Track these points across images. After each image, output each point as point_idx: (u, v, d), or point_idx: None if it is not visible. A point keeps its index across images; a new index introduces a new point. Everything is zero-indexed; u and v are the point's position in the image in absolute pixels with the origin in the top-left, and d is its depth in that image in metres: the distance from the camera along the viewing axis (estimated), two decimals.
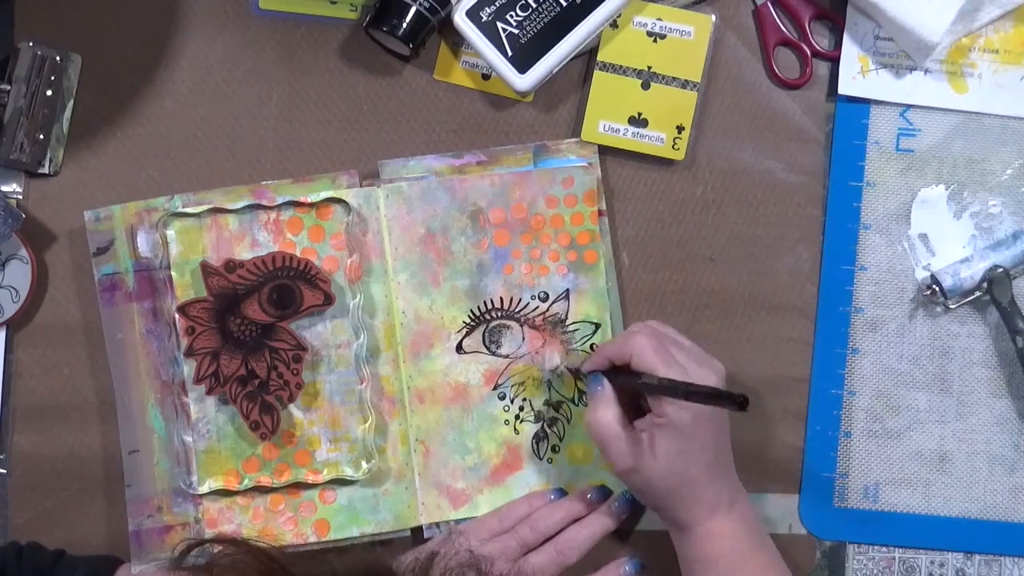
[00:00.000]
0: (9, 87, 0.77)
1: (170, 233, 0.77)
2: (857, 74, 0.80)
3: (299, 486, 0.78)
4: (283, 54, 0.80)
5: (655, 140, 0.79)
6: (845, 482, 0.80)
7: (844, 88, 0.80)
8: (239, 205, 0.77)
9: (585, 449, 0.79)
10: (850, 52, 0.80)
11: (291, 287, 0.76)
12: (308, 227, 0.78)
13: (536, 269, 0.79)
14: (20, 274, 0.78)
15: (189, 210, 0.77)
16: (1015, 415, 0.81)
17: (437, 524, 0.79)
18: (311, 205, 0.78)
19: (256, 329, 0.76)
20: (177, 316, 0.76)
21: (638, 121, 0.79)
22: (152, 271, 0.78)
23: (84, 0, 0.80)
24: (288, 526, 0.78)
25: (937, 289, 0.79)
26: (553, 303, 0.79)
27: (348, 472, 0.78)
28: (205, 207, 0.77)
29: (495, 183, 0.78)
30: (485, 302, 0.79)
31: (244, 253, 0.78)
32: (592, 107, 0.79)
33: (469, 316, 0.79)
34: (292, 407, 0.78)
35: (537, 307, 0.79)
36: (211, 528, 0.77)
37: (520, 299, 0.79)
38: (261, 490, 0.78)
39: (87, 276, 0.79)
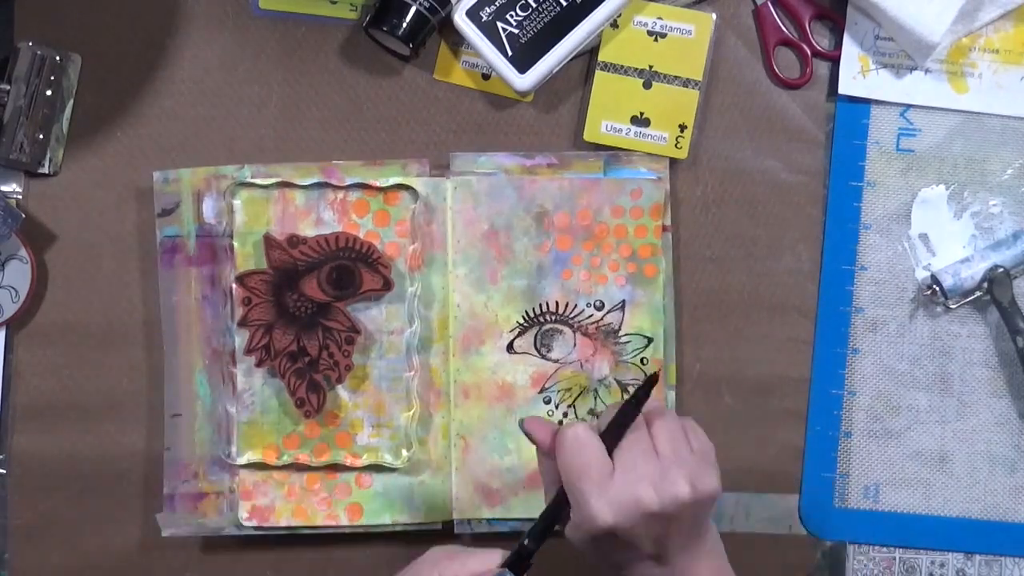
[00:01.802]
0: (9, 87, 0.77)
1: (236, 202, 0.77)
2: (857, 74, 0.80)
3: (336, 467, 0.78)
4: (283, 54, 0.80)
5: (658, 139, 0.79)
6: (845, 482, 0.80)
7: (844, 88, 0.80)
8: (308, 181, 0.77)
9: None
10: (850, 52, 0.80)
11: (352, 268, 0.76)
12: (374, 211, 0.78)
13: (595, 277, 0.79)
14: (20, 274, 0.78)
15: (258, 181, 0.77)
16: (1015, 415, 0.81)
17: (468, 521, 0.78)
18: (380, 189, 0.77)
19: (312, 307, 0.76)
20: (235, 286, 0.76)
21: (640, 121, 0.79)
22: (215, 238, 0.78)
23: (84, 0, 0.80)
24: (321, 507, 0.78)
25: (937, 289, 0.79)
26: (608, 312, 0.79)
27: (387, 459, 0.77)
28: (274, 180, 0.77)
29: (564, 187, 0.78)
30: (540, 304, 0.79)
31: (308, 230, 0.77)
32: (594, 107, 0.79)
33: (523, 317, 0.79)
34: (339, 388, 0.78)
35: (592, 315, 0.79)
36: (245, 500, 0.77)
37: (576, 305, 0.79)
38: (298, 467, 0.78)
39: (87, 276, 0.79)
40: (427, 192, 0.78)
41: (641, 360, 0.79)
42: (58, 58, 0.78)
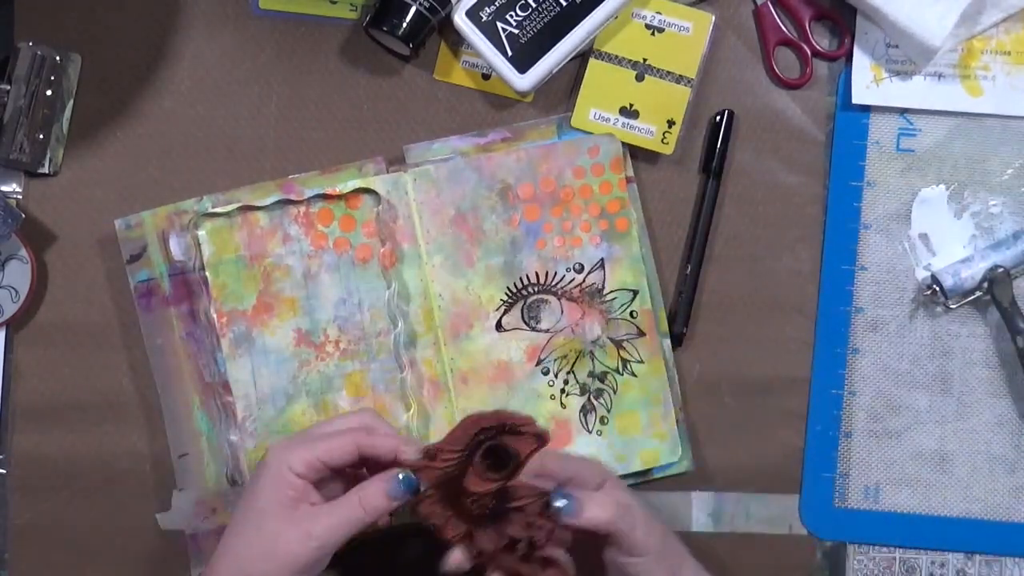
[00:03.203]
0: (9, 87, 0.77)
1: (201, 234, 0.77)
2: (871, 83, 0.80)
3: None
4: (283, 54, 0.80)
5: (645, 132, 0.79)
6: (845, 482, 0.80)
7: (858, 98, 0.80)
8: (268, 201, 0.77)
9: (634, 418, 0.78)
10: (862, 62, 0.80)
11: (500, 446, 0.65)
12: (338, 217, 0.78)
13: (569, 241, 0.79)
14: (19, 274, 0.78)
15: (219, 210, 0.77)
16: (1015, 415, 0.80)
17: None
18: (340, 196, 0.77)
19: (490, 499, 0.66)
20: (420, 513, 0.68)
21: (629, 112, 0.79)
22: (187, 274, 0.78)
23: (84, 0, 0.80)
24: None
25: (937, 289, 0.79)
26: (589, 273, 0.79)
27: None
28: (234, 206, 0.77)
29: (521, 158, 0.78)
30: (521, 278, 0.79)
31: (277, 248, 0.77)
32: (584, 95, 0.79)
33: (506, 294, 0.79)
34: (340, 399, 0.78)
35: (573, 279, 0.79)
36: None
37: (555, 272, 0.79)
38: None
39: (88, 275, 0.79)
40: (388, 189, 0.78)
41: (631, 314, 0.79)
42: (58, 58, 0.78)
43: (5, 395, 0.79)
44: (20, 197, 0.79)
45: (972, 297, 0.80)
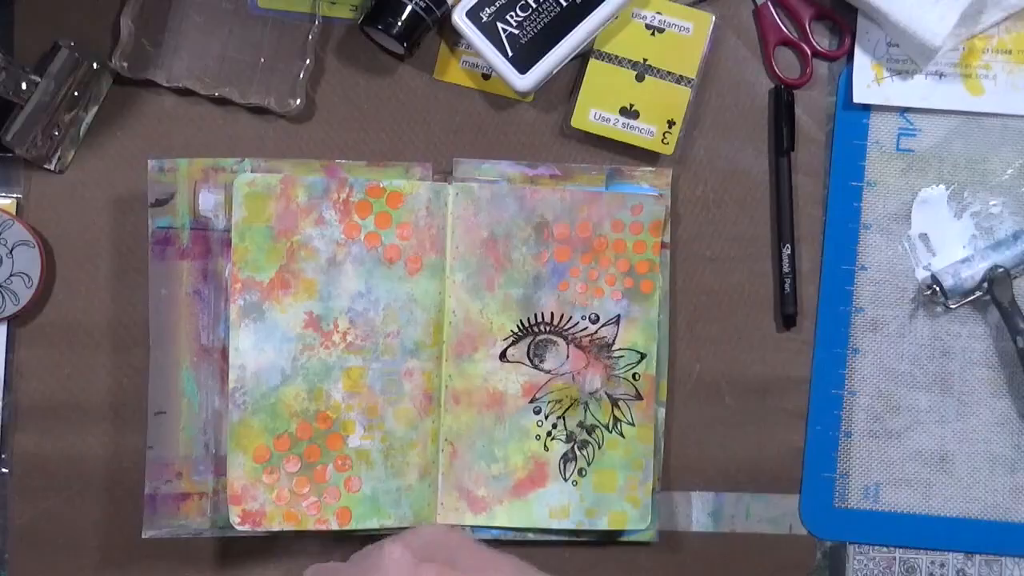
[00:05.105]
0: (39, 80, 0.76)
1: (236, 196, 0.77)
2: (872, 82, 0.80)
3: (326, 471, 0.77)
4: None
5: (645, 133, 0.79)
6: (845, 482, 0.80)
7: (859, 97, 0.80)
8: (311, 178, 0.77)
9: (611, 477, 0.78)
10: (863, 61, 0.80)
11: None
12: (376, 212, 0.78)
13: (591, 290, 0.79)
14: (29, 260, 0.77)
15: (259, 175, 0.77)
16: (1015, 415, 0.80)
17: (453, 526, 0.78)
18: (383, 191, 0.77)
19: None
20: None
21: (629, 112, 0.79)
22: (209, 231, 0.77)
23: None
24: (311, 511, 0.77)
25: (937, 289, 0.79)
26: (603, 326, 0.79)
27: (375, 459, 0.77)
28: (276, 175, 0.77)
29: (565, 199, 0.78)
30: (536, 315, 0.79)
31: (308, 228, 0.77)
32: (585, 95, 0.79)
33: (517, 326, 0.79)
34: (335, 391, 0.77)
35: (586, 328, 0.79)
36: (235, 504, 0.76)
37: (571, 317, 0.79)
38: (288, 470, 0.77)
39: (88, 276, 0.79)
40: (429, 196, 0.78)
41: (633, 375, 0.79)
42: (95, 65, 0.77)
43: (6, 395, 0.79)
44: (21, 196, 0.79)
45: (972, 297, 0.80)
